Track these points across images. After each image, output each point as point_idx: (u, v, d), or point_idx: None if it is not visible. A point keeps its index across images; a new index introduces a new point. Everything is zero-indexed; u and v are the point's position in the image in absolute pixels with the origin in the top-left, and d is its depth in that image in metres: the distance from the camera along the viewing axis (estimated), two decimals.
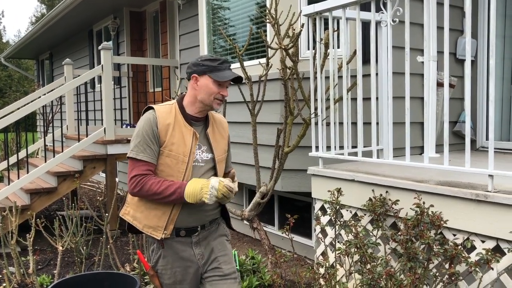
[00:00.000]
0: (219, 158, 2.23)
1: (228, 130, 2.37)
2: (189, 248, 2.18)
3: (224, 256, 2.25)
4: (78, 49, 10.78)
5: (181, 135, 2.12)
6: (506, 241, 2.25)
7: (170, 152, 2.09)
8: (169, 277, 2.19)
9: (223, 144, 2.29)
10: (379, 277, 2.27)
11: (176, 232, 2.14)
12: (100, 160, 5.82)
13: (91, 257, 4.76)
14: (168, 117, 2.13)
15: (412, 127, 2.93)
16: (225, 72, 2.11)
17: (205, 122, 2.24)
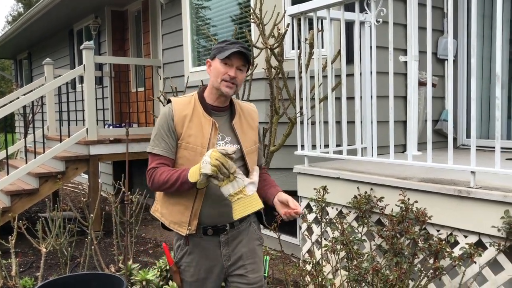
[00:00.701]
0: (248, 149, 2.09)
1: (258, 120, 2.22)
2: (217, 248, 2.09)
3: (252, 264, 2.14)
4: (58, 48, 10.63)
5: (199, 126, 2.03)
6: (487, 236, 2.32)
7: (187, 144, 2.01)
8: (192, 275, 2.11)
9: (252, 134, 2.15)
10: (366, 273, 2.31)
11: (203, 230, 2.06)
12: (83, 161, 5.76)
13: (74, 258, 4.70)
14: (185, 108, 2.05)
15: (394, 125, 2.98)
16: (229, 50, 1.97)
17: (230, 113, 2.13)
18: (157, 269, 3.63)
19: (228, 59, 1.98)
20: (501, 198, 2.23)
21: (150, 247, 5.44)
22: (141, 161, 6.76)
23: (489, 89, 4.24)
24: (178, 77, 5.92)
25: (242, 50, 1.97)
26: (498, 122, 2.31)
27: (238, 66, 2.00)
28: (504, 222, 2.20)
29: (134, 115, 7.36)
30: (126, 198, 3.63)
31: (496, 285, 2.31)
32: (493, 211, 2.26)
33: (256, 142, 2.17)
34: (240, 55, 1.98)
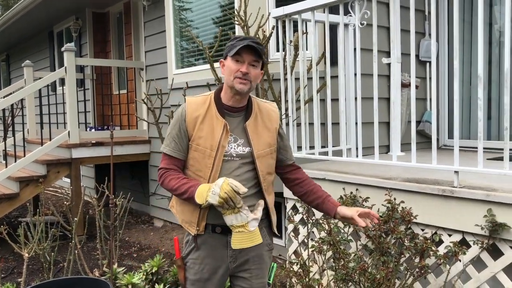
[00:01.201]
0: (259, 153, 2.02)
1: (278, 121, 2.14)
2: (224, 248, 2.06)
3: (257, 269, 2.11)
4: (38, 50, 10.47)
5: (211, 128, 1.99)
6: (471, 234, 2.36)
7: (197, 146, 1.99)
8: (196, 272, 2.08)
9: (267, 136, 2.06)
10: (353, 272, 2.34)
11: (212, 228, 2.04)
12: (65, 164, 5.68)
13: (57, 263, 4.64)
14: (199, 108, 2.01)
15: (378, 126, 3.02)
16: (239, 46, 1.91)
17: (245, 113, 2.05)
18: (143, 273, 3.60)
19: (239, 55, 1.93)
20: (484, 197, 2.28)
21: (134, 250, 5.39)
22: (124, 164, 6.71)
23: (469, 91, 4.33)
24: (161, 79, 5.89)
25: (252, 44, 1.91)
26: (480, 123, 2.36)
27: (250, 62, 1.94)
28: (487, 220, 2.24)
29: (117, 117, 7.29)
30: (111, 202, 3.59)
31: (479, 282, 2.36)
32: (476, 210, 2.31)
33: (271, 144, 2.08)
34: (250, 50, 1.92)
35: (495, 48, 4.18)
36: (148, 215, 6.77)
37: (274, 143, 2.09)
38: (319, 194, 2.12)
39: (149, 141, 6.41)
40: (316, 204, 2.12)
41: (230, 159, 2.00)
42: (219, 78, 3.89)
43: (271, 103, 2.18)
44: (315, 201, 2.12)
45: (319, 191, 2.14)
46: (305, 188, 2.15)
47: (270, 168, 2.09)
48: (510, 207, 2.20)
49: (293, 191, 2.22)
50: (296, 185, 2.19)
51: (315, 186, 2.16)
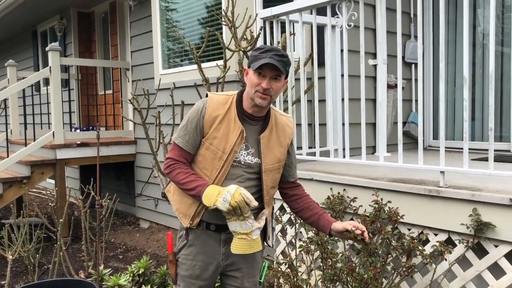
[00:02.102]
0: (268, 167, 2.02)
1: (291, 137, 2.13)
2: (217, 245, 2.07)
3: (249, 268, 2.12)
4: (21, 50, 10.32)
5: (227, 130, 1.97)
6: (457, 233, 2.39)
7: (210, 146, 1.97)
8: (187, 268, 2.09)
9: (278, 152, 2.05)
10: (341, 272, 2.35)
11: (206, 225, 2.04)
12: (49, 165, 5.62)
13: (41, 265, 4.57)
14: (219, 108, 1.99)
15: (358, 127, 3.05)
16: (261, 60, 1.88)
17: (263, 124, 2.04)
18: (129, 274, 3.58)
19: (261, 69, 1.89)
20: (469, 197, 2.31)
21: (120, 252, 5.34)
22: (110, 165, 6.65)
23: (454, 92, 4.39)
24: (148, 79, 5.85)
25: (273, 62, 1.86)
26: (466, 123, 2.39)
27: (272, 76, 1.91)
28: (472, 219, 2.28)
29: (102, 118, 7.23)
30: (97, 203, 3.56)
31: (465, 281, 2.39)
32: (462, 209, 2.35)
33: (281, 160, 2.08)
34: (273, 66, 1.88)
35: (478, 50, 4.25)
36: (134, 216, 6.72)
37: (283, 159, 2.09)
38: (315, 211, 2.13)
39: (135, 141, 6.37)
40: (311, 221, 2.14)
41: (237, 165, 2.00)
42: (207, 79, 3.88)
43: (287, 116, 2.17)
44: (311, 218, 2.13)
45: (315, 208, 2.14)
46: (301, 205, 2.17)
47: (275, 183, 2.11)
48: (494, 207, 2.23)
49: (290, 206, 2.24)
50: (293, 201, 2.20)
51: (312, 203, 2.16)
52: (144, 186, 6.28)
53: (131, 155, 6.36)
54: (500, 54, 4.09)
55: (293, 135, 2.15)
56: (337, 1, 2.94)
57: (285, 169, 2.14)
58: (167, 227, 5.82)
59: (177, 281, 2.15)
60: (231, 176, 1.99)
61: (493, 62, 2.30)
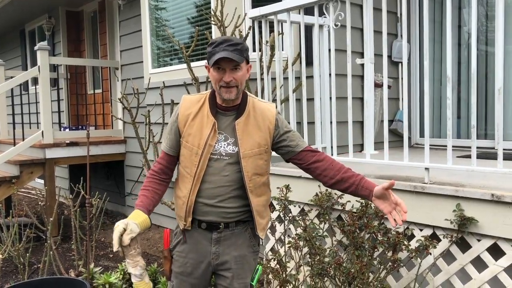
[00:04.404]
0: (246, 152, 1.99)
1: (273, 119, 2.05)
2: (208, 244, 2.09)
3: (239, 269, 2.10)
4: (9, 49, 10.25)
5: (201, 126, 2.01)
6: (441, 228, 2.45)
7: (186, 143, 2.02)
8: (180, 265, 2.13)
9: (257, 137, 2.02)
10: (329, 267, 2.40)
11: (198, 223, 2.07)
12: (38, 164, 5.60)
13: (31, 265, 4.56)
14: (192, 106, 2.04)
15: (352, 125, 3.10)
16: (216, 55, 1.88)
17: (238, 111, 2.03)
18: (120, 272, 3.60)
19: (218, 64, 1.90)
20: (453, 193, 2.37)
21: (110, 251, 5.35)
22: (99, 164, 6.65)
23: (439, 90, 4.46)
24: (137, 78, 5.86)
25: (227, 55, 1.86)
26: (449, 121, 2.45)
27: (231, 68, 1.91)
28: (455, 215, 2.34)
29: (91, 117, 7.21)
30: (87, 201, 3.57)
31: (449, 274, 2.45)
32: (446, 205, 2.40)
33: (261, 145, 2.03)
34: (228, 58, 1.87)
35: (464, 49, 4.32)
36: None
37: (265, 143, 2.05)
38: (351, 181, 1.99)
39: (124, 141, 6.37)
40: (350, 192, 2.02)
41: (219, 158, 2.01)
42: (196, 78, 3.91)
43: (269, 103, 2.16)
44: (348, 190, 2.01)
45: (349, 178, 2.00)
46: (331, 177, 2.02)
47: (259, 169, 2.04)
48: (477, 202, 2.29)
49: (321, 182, 2.10)
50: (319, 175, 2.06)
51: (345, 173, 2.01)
52: (134, 185, 6.29)
53: (120, 154, 6.36)
54: (485, 53, 4.16)
55: (278, 118, 2.08)
56: (324, 1, 2.98)
57: (288, 143, 2.08)
58: (157, 225, 5.83)
59: (171, 278, 2.18)
60: (214, 170, 2.01)
61: (475, 62, 2.36)
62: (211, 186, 2.02)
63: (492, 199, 2.23)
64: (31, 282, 3.06)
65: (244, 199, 2.05)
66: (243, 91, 2.06)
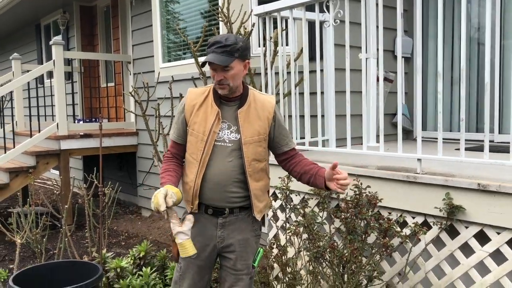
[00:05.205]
0: (247, 139, 2.19)
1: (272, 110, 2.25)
2: (214, 229, 2.26)
3: (242, 252, 2.28)
4: (25, 43, 10.50)
5: (205, 115, 2.20)
6: (432, 216, 2.59)
7: (192, 131, 2.21)
8: None
9: (257, 126, 2.21)
10: (324, 250, 2.55)
11: (205, 208, 2.24)
12: (53, 155, 5.82)
13: (47, 251, 4.79)
14: (197, 97, 2.24)
15: (353, 119, 3.23)
16: (207, 56, 2.09)
17: (240, 102, 2.23)
18: (131, 257, 3.78)
19: (210, 64, 2.08)
20: (443, 182, 2.50)
21: (122, 239, 5.56)
22: (112, 156, 6.86)
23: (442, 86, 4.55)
24: (148, 72, 6.04)
25: (213, 59, 2.03)
26: (440, 115, 2.57)
27: (221, 68, 2.08)
28: (445, 203, 2.47)
29: (104, 110, 7.42)
30: (100, 190, 3.76)
31: (439, 260, 2.59)
32: (436, 194, 2.53)
33: (261, 133, 2.22)
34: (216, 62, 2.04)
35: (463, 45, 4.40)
36: (136, 205, 6.93)
37: (264, 132, 2.23)
38: (311, 173, 2.25)
39: (136, 133, 6.56)
40: (310, 183, 2.27)
41: (223, 145, 2.20)
42: (203, 72, 4.06)
43: (269, 95, 2.37)
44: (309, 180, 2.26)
45: (310, 170, 2.26)
46: (298, 171, 2.30)
47: (258, 156, 2.23)
48: (465, 191, 2.42)
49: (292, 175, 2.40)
50: (291, 171, 2.36)
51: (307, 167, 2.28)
52: (145, 176, 6.48)
53: (133, 146, 6.56)
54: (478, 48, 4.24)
55: (276, 110, 2.29)
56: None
57: (278, 140, 2.30)
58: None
59: (179, 260, 2.36)
60: (219, 156, 2.20)
61: (464, 58, 2.48)
62: (216, 171, 2.19)
63: (479, 188, 2.35)
64: (48, 264, 3.27)
65: (246, 185, 2.23)
66: (244, 83, 2.26)
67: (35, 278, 2.98)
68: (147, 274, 3.44)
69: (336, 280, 2.57)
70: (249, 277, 2.32)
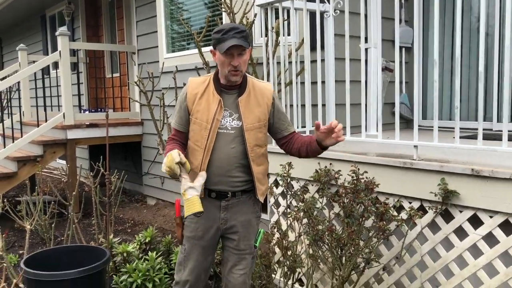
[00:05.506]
0: (248, 126, 2.29)
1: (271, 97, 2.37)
2: (217, 211, 2.36)
3: (244, 232, 2.41)
4: (30, 34, 10.59)
5: (207, 103, 2.28)
6: (428, 201, 2.67)
7: (195, 120, 2.30)
8: (191, 230, 2.40)
9: (258, 112, 2.32)
10: (323, 233, 2.64)
11: (208, 192, 2.34)
12: (60, 145, 5.94)
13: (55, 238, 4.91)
14: (198, 87, 2.32)
15: (354, 108, 3.31)
16: (226, 42, 2.14)
17: (240, 90, 2.32)
18: (137, 243, 3.90)
19: (230, 49, 2.15)
20: (438, 168, 2.58)
21: (128, 226, 5.69)
22: (117, 145, 6.96)
23: (442, 75, 4.61)
24: (152, 63, 6.11)
25: (238, 43, 2.13)
26: (436, 102, 2.65)
27: (238, 53, 2.19)
28: (440, 188, 2.55)
29: (110, 100, 7.52)
30: (107, 177, 3.86)
31: (434, 243, 2.67)
32: (432, 179, 2.61)
33: (261, 119, 2.33)
34: (237, 45, 2.14)
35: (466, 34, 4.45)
36: (141, 194, 7.05)
37: (264, 118, 2.35)
38: (305, 144, 2.38)
39: (141, 123, 6.66)
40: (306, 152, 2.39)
41: (225, 132, 2.30)
42: (207, 62, 4.14)
43: (267, 82, 2.48)
44: (304, 151, 2.39)
45: (304, 142, 2.39)
46: (296, 149, 2.42)
47: (259, 141, 2.35)
48: (459, 176, 2.50)
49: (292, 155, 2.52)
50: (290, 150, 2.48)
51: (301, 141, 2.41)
52: (150, 165, 6.59)
53: (138, 136, 6.66)
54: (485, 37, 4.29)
55: (275, 96, 2.41)
56: None
57: (277, 125, 2.42)
58: (172, 203, 6.14)
59: (183, 242, 2.47)
60: (223, 142, 2.30)
61: (459, 48, 2.55)
62: (220, 158, 2.30)
63: (472, 174, 2.43)
64: (57, 249, 3.39)
65: (248, 169, 2.34)
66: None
67: (45, 261, 3.10)
68: (153, 258, 3.55)
69: (334, 262, 2.67)
70: (252, 256, 2.46)
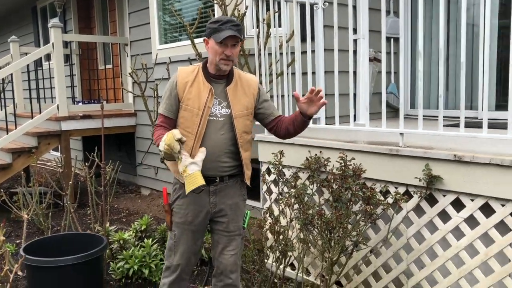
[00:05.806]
0: (237, 113, 2.43)
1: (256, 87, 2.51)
2: (206, 196, 2.47)
3: (233, 214, 2.53)
4: (21, 26, 10.55)
5: (198, 91, 2.39)
6: (413, 186, 2.79)
7: (186, 106, 2.40)
8: (181, 216, 2.50)
9: (245, 101, 2.46)
10: (313, 217, 2.76)
11: None
12: (54, 136, 5.99)
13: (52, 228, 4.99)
14: (188, 76, 2.42)
15: (343, 98, 3.41)
16: (223, 32, 2.29)
17: (227, 80, 2.45)
18: (133, 231, 3.99)
19: (226, 39, 2.29)
20: (422, 154, 2.70)
21: (123, 216, 5.78)
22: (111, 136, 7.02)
23: (430, 65, 4.73)
24: (145, 54, 6.17)
25: (234, 34, 2.28)
26: (420, 91, 2.76)
27: (232, 44, 2.33)
28: (424, 173, 2.67)
29: (103, 91, 7.56)
30: (103, 166, 3.94)
31: (419, 226, 2.80)
32: (417, 165, 2.73)
33: (248, 108, 2.47)
34: (233, 36, 2.29)
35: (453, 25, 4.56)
36: (136, 184, 7.14)
37: (250, 106, 2.49)
38: (290, 121, 2.50)
39: (135, 114, 6.73)
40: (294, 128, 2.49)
41: (215, 119, 2.41)
42: (199, 54, 4.22)
43: (251, 75, 2.61)
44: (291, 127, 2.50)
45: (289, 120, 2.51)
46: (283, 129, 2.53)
47: (246, 128, 2.49)
48: (442, 162, 2.62)
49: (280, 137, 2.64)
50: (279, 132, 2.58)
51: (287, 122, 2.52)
52: (144, 156, 6.67)
53: (131, 127, 6.73)
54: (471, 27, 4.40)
55: (260, 87, 2.55)
56: None
57: (264, 111, 2.55)
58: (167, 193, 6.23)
59: (172, 228, 2.56)
60: (213, 129, 2.40)
61: (443, 38, 2.65)
62: (210, 144, 2.40)
63: (455, 159, 2.55)
64: (55, 236, 3.48)
65: (235, 155, 2.46)
66: None
67: (43, 249, 3.19)
68: (148, 245, 3.65)
69: (324, 245, 2.79)
70: (241, 237, 2.59)
